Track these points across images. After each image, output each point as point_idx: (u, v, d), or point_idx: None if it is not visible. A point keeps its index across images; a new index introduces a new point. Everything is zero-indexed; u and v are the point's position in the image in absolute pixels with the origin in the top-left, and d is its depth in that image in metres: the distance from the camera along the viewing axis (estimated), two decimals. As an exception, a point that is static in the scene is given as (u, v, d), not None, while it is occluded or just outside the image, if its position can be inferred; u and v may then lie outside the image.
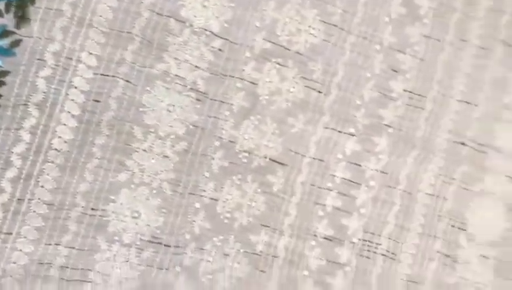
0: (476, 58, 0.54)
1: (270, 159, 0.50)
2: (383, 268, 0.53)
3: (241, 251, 0.50)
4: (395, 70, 0.53)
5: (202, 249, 0.49)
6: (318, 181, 0.51)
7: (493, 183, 0.55)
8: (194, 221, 0.48)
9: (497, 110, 0.55)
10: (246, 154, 0.50)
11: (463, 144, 0.55)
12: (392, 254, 0.53)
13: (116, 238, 0.47)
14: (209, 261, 0.49)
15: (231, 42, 0.48)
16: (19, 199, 0.45)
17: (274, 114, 0.50)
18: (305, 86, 0.51)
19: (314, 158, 0.51)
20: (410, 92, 0.53)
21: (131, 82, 0.47)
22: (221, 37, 0.48)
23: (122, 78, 0.46)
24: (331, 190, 0.52)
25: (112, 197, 0.46)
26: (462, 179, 0.55)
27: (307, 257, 0.51)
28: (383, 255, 0.53)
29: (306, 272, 0.51)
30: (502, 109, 0.55)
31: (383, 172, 0.53)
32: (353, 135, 0.52)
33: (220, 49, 0.48)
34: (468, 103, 0.54)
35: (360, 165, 0.53)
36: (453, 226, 0.55)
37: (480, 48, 0.54)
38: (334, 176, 0.52)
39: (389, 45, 0.52)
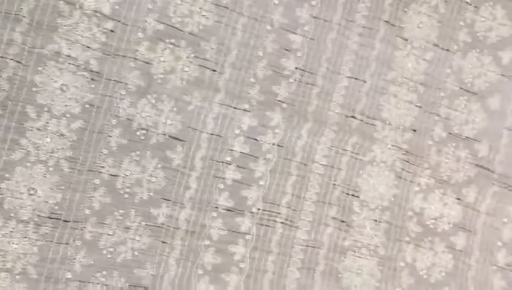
0: (362, 37, 0.58)
1: (169, 136, 0.53)
2: (283, 235, 0.57)
3: (143, 223, 0.52)
4: (286, 50, 0.56)
5: (103, 223, 0.50)
6: (217, 156, 0.54)
7: (381, 153, 0.60)
8: (93, 197, 0.50)
9: (383, 85, 0.60)
10: (144, 132, 0.52)
11: (353, 117, 0.59)
12: (291, 221, 0.57)
13: (12, 215, 0.48)
14: (109, 234, 0.51)
15: (123, 24, 0.50)
16: None
17: (170, 92, 0.52)
18: (200, 65, 0.53)
19: (212, 134, 0.54)
20: (301, 69, 0.57)
21: (22, 62, 0.47)
22: (112, 19, 0.50)
23: (12, 59, 0.47)
24: (230, 164, 0.55)
25: (7, 175, 0.47)
26: (353, 149, 0.59)
27: (208, 227, 0.54)
28: (282, 223, 0.57)
29: (207, 242, 0.54)
30: (387, 84, 0.60)
31: (279, 145, 0.57)
32: (248, 111, 0.55)
33: (111, 30, 0.50)
34: (356, 79, 0.59)
35: (256, 140, 0.56)
36: (347, 194, 0.59)
37: (365, 27, 0.59)
38: (233, 150, 0.55)
39: (280, 25, 0.56)
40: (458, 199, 0.61)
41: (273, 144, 0.56)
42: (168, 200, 0.53)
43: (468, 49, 0.62)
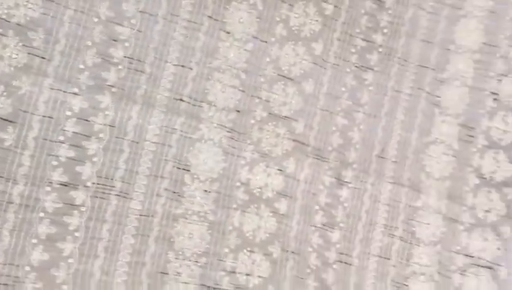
0: (187, 29, 0.67)
1: (1, 118, 0.57)
2: (117, 206, 0.63)
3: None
4: (114, 40, 0.63)
5: None
6: (50, 135, 0.60)
7: (209, 131, 0.68)
8: None
9: (208, 72, 0.68)
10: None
11: (181, 100, 0.67)
12: (125, 193, 0.64)
13: None
14: None
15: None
16: None
17: (0, 78, 0.57)
18: (28, 53, 0.58)
19: (44, 116, 0.59)
20: (130, 58, 0.64)
21: None
22: None
23: None
24: (63, 143, 0.60)
25: None
26: (182, 128, 0.67)
27: (43, 201, 0.59)
28: (116, 195, 0.63)
29: (42, 214, 0.59)
30: (212, 71, 0.68)
31: (111, 125, 0.63)
32: (78, 95, 0.61)
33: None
34: (183, 66, 0.67)
35: (88, 121, 0.62)
36: (178, 168, 0.67)
37: (190, 21, 0.67)
38: (65, 130, 0.60)
39: (107, 18, 0.62)
40: (280, 170, 0.71)
41: (105, 125, 0.63)
42: (1, 177, 0.57)
43: (285, 41, 0.72)
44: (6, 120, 0.57)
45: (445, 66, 0.77)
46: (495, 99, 0.78)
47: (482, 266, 0.76)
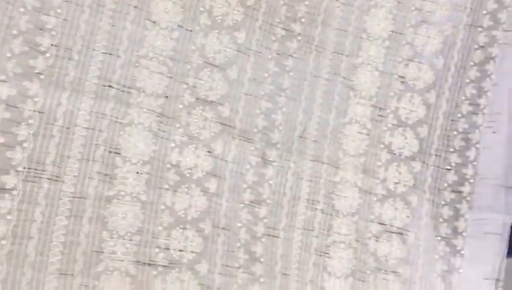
0: (113, 19, 0.69)
1: None
2: (49, 189, 0.65)
3: None
4: (41, 29, 0.65)
5: None
6: (-22, 122, 0.61)
7: (138, 116, 0.71)
8: None
9: (136, 60, 0.71)
10: None
11: (110, 86, 0.70)
12: (57, 177, 0.66)
13: None
14: None
15: None
16: None
17: None
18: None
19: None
20: (57, 46, 0.66)
21: None
22: None
23: None
24: (-7, 129, 0.62)
25: None
26: (112, 114, 0.70)
27: (-27, 186, 0.60)
28: (48, 179, 0.65)
29: (-27, 199, 0.60)
30: (139, 59, 0.72)
31: (40, 112, 0.65)
32: (5, 82, 0.63)
33: None
34: (111, 54, 0.70)
35: (17, 107, 0.64)
36: (110, 152, 0.70)
37: (116, 11, 0.70)
38: (-6, 117, 0.62)
39: (33, 8, 0.64)
40: (208, 151, 0.76)
41: (34, 111, 0.65)
42: None
43: (209, 30, 0.77)
44: None
45: (358, 52, 0.85)
46: (402, 82, 0.87)
47: (393, 232, 0.84)
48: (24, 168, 0.63)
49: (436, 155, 0.86)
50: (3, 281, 0.61)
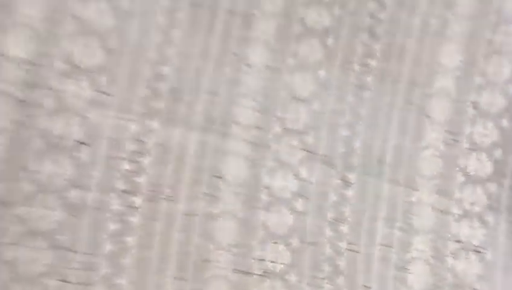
0: (216, 64, 0.83)
1: None
2: (167, 208, 0.79)
3: None
4: (159, 76, 0.80)
5: None
6: None
7: (236, 145, 0.84)
8: None
9: (233, 98, 0.84)
10: None
11: (212, 121, 0.83)
12: (172, 197, 0.79)
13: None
14: None
15: None
16: None
17: None
18: None
19: None
20: (172, 89, 0.80)
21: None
22: None
23: None
24: None
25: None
26: (216, 144, 0.82)
27: None
28: (165, 199, 0.78)
29: None
30: (236, 97, 0.84)
31: (159, 144, 0.79)
32: (134, 120, 0.78)
33: None
34: (214, 94, 0.83)
35: (142, 141, 0.78)
36: (213, 176, 0.82)
37: (218, 60, 0.83)
38: None
39: (155, 61, 0.79)
40: (295, 175, 0.86)
41: (155, 143, 0.79)
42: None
43: (295, 69, 0.88)
44: None
45: (431, 82, 0.92)
46: (475, 108, 0.93)
47: (470, 250, 0.89)
48: (147, 190, 0.78)
49: (512, 177, 0.92)
50: (132, 283, 0.75)
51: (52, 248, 0.73)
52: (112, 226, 0.76)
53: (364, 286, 0.86)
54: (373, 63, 0.91)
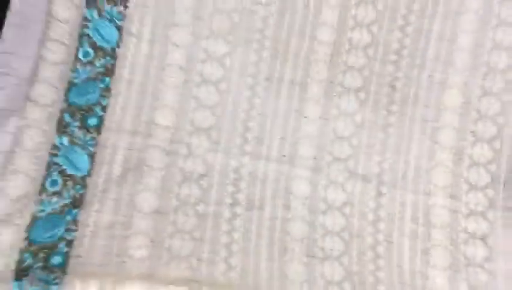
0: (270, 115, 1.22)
1: None
2: (257, 215, 1.10)
3: None
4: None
5: None
6: None
7: (302, 172, 1.22)
8: None
9: (296, 140, 1.21)
10: None
11: (284, 156, 1.21)
12: (261, 208, 1.17)
13: None
14: None
15: None
16: None
17: None
18: None
19: None
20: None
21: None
22: None
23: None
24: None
25: None
26: (288, 171, 1.21)
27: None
28: (257, 209, 1.17)
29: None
30: (298, 139, 1.22)
31: (250, 173, 1.19)
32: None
33: None
34: (283, 138, 1.21)
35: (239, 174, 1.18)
36: (287, 192, 1.20)
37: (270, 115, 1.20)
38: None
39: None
40: (343, 189, 1.22)
41: (248, 173, 1.18)
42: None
43: (339, 117, 1.25)
44: None
45: (438, 118, 1.17)
46: (473, 136, 1.24)
47: (476, 239, 1.20)
48: (245, 203, 1.14)
49: (504, 185, 1.21)
50: (239, 262, 1.04)
51: (192, 240, 1.14)
52: (224, 227, 1.07)
53: (398, 265, 1.16)
54: (394, 108, 1.09)
